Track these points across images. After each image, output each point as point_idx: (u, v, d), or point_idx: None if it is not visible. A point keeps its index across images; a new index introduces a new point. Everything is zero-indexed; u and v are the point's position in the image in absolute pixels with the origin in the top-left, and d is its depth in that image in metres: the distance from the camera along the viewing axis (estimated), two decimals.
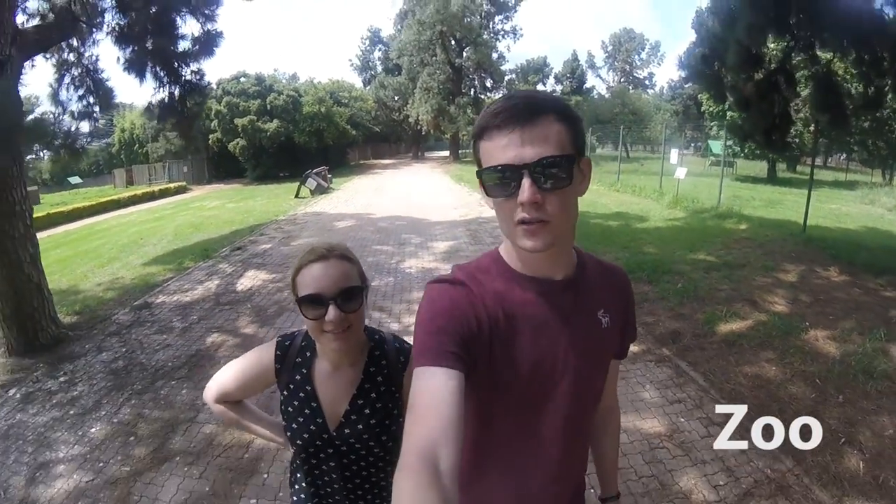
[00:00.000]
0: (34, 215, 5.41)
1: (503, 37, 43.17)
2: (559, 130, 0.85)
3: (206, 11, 6.79)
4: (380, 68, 52.11)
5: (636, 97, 50.80)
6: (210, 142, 32.11)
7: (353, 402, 1.34)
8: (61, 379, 4.55)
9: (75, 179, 41.29)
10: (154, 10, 6.45)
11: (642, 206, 13.45)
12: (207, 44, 6.92)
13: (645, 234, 9.76)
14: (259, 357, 1.39)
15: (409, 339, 1.08)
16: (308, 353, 1.37)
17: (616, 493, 1.33)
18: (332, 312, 1.20)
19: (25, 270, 5.01)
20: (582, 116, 0.95)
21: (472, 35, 39.26)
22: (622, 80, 64.96)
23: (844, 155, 34.98)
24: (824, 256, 7.57)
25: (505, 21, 42.83)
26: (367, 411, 1.34)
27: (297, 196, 19.05)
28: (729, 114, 20.29)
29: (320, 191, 19.94)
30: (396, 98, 45.14)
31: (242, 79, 31.29)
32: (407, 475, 0.69)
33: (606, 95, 57.86)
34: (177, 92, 7.21)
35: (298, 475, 1.44)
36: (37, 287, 5.16)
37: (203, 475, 3.20)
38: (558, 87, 64.02)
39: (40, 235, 5.84)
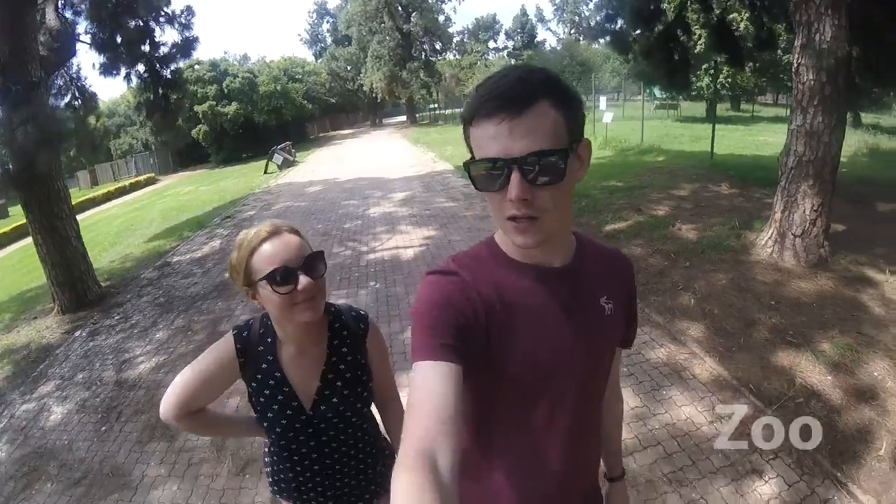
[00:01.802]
0: (4, 230, 6.77)
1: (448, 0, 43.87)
2: (554, 119, 0.80)
3: (183, 21, 8.11)
4: (329, 40, 52.46)
5: (585, 48, 51.96)
6: (162, 133, 32.55)
7: (323, 377, 1.35)
8: (116, 317, 6.08)
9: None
10: (138, 24, 7.69)
11: None
12: (185, 48, 8.26)
13: None
14: (217, 355, 1.33)
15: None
16: (269, 339, 1.35)
17: (622, 472, 1.34)
18: (303, 280, 1.20)
19: (73, 243, 6.44)
20: (580, 97, 0.87)
21: (417, 1, 39.89)
22: (572, 31, 65.92)
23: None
24: (722, 176, 9.29)
25: None
26: (339, 384, 1.36)
27: (265, 172, 20.27)
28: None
29: (287, 165, 21.18)
30: (349, 68, 45.82)
31: (197, 66, 31.66)
32: (405, 474, 0.67)
33: (558, 48, 58.88)
34: (160, 91, 8.50)
35: (276, 458, 1.45)
36: (82, 256, 6.60)
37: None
38: (509, 43, 64.91)
39: (29, 240, 7.14)
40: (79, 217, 6.88)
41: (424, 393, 0.78)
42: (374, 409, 1.54)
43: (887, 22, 6.38)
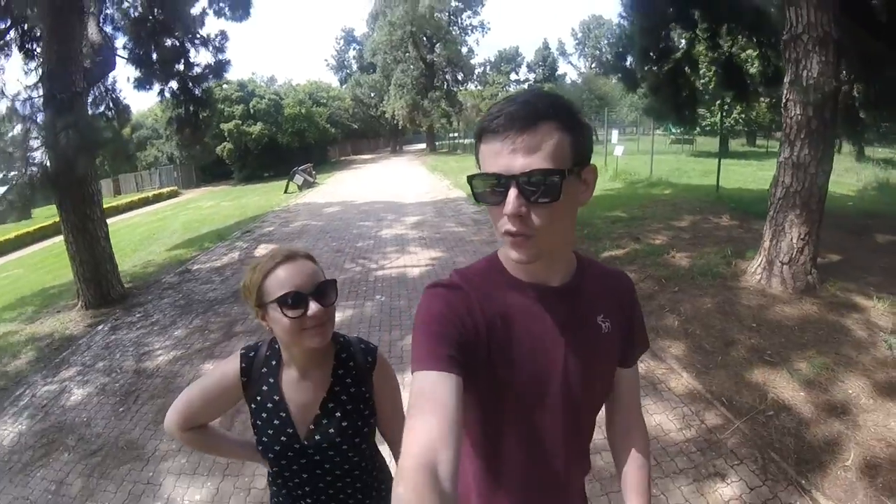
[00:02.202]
0: (27, 229, 7.24)
1: (472, 31, 45.11)
2: (559, 141, 0.82)
3: (217, 45, 8.70)
4: (355, 67, 53.70)
5: (604, 83, 52.74)
6: (192, 148, 33.59)
7: (323, 406, 1.34)
8: (138, 315, 6.45)
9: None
10: (174, 44, 8.27)
11: None
12: (218, 70, 8.84)
13: None
14: (223, 373, 1.36)
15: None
16: (274, 363, 1.36)
17: None
18: (314, 307, 1.22)
19: (101, 243, 6.89)
20: (588, 124, 0.88)
21: (441, 32, 41.08)
22: (593, 65, 66.90)
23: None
24: (724, 209, 9.53)
25: (473, 16, 44.69)
26: (339, 414, 1.35)
27: (286, 192, 20.88)
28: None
29: (307, 185, 21.79)
30: (372, 95, 46.83)
31: (225, 85, 32.74)
32: (406, 483, 0.69)
33: (578, 82, 59.76)
34: (191, 107, 9.04)
35: (275, 488, 1.45)
36: (108, 256, 7.04)
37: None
38: (531, 76, 65.96)
39: (53, 240, 7.65)
40: (115, 220, 7.35)
41: (424, 402, 0.79)
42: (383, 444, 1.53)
43: (886, 55, 6.64)
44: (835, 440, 3.26)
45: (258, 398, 1.35)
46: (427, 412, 0.78)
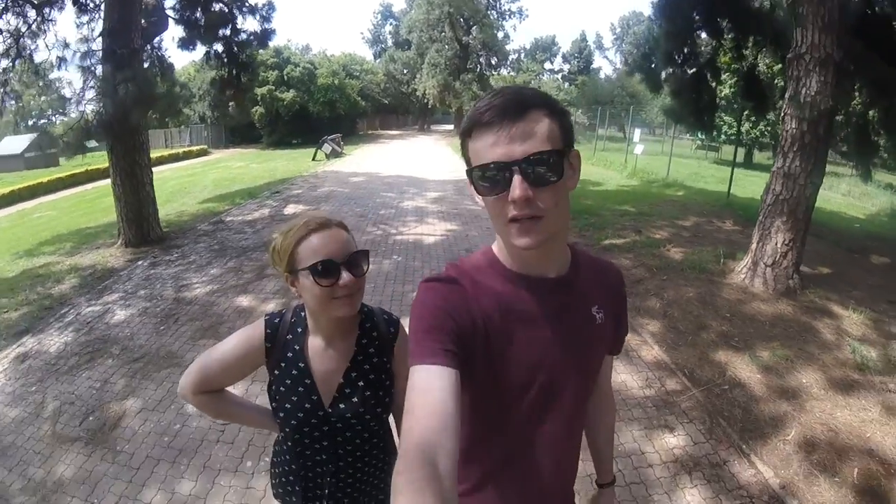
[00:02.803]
0: (48, 178, 7.86)
1: (510, 16, 45.12)
2: (548, 126, 0.85)
3: (264, 14, 9.30)
4: (390, 42, 54.02)
5: (637, 81, 52.31)
6: (229, 109, 34.33)
7: (346, 374, 1.35)
8: (175, 255, 7.14)
9: (91, 143, 43.65)
10: (222, 9, 8.84)
11: (605, 175, 15.93)
12: (263, 38, 9.44)
13: (594, 193, 12.27)
14: (247, 337, 1.36)
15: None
16: (299, 329, 1.36)
17: (612, 479, 1.39)
18: (345, 276, 1.22)
19: (146, 188, 7.56)
20: (568, 110, 0.92)
21: (479, 15, 41.12)
22: (628, 62, 66.18)
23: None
24: (730, 214, 9.92)
25: (512, 1, 44.69)
26: (362, 383, 1.36)
27: (314, 159, 21.51)
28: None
29: (334, 155, 22.43)
30: (405, 72, 47.21)
31: (261, 50, 33.32)
32: (405, 475, 0.69)
33: (613, 77, 59.35)
34: (234, 71, 9.64)
35: (287, 457, 1.43)
36: (151, 200, 7.72)
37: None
38: (565, 67, 65.55)
39: (84, 187, 8.33)
40: None
41: (423, 395, 0.80)
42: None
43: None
44: (780, 418, 3.71)
45: (282, 364, 1.34)
46: (425, 406, 0.79)
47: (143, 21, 7.56)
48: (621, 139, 34.50)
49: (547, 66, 63.61)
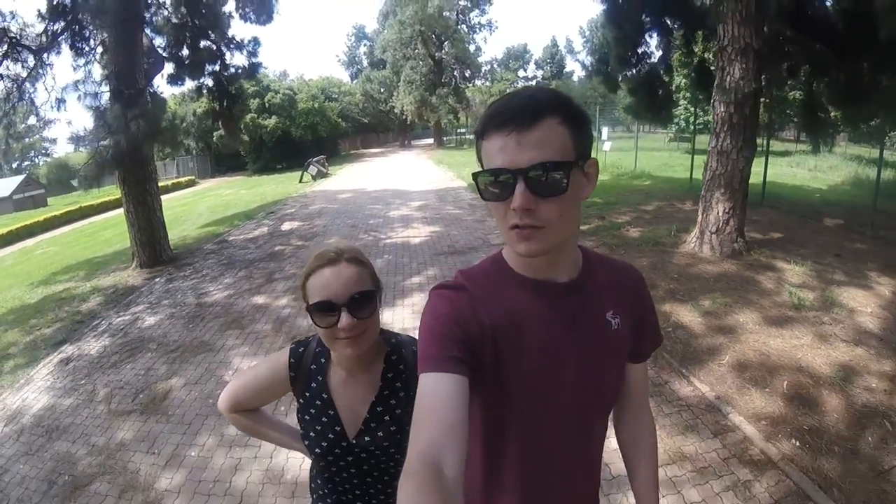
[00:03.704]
0: (44, 216, 8.63)
1: (479, 30, 46.34)
2: (561, 134, 0.82)
3: (250, 49, 10.22)
4: (365, 62, 55.07)
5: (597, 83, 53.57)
6: (214, 139, 35.12)
7: (372, 409, 1.32)
8: (188, 271, 7.90)
9: (74, 182, 44.24)
10: (210, 47, 9.69)
11: None
12: (251, 71, 10.36)
13: None
14: (272, 366, 1.38)
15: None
16: (323, 360, 1.36)
17: None
18: (344, 319, 1.18)
19: (157, 213, 8.34)
20: (588, 117, 0.89)
21: (449, 31, 42.33)
22: (587, 66, 67.37)
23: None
24: (691, 196, 10.72)
25: (480, 15, 45.84)
26: (388, 418, 1.32)
27: (301, 181, 22.33)
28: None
29: (320, 176, 23.30)
30: (382, 91, 48.19)
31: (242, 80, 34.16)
32: (411, 481, 0.69)
33: (585, 79, 60.63)
34: (224, 102, 10.48)
35: (319, 481, 1.44)
36: (162, 224, 8.49)
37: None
38: (539, 73, 66.92)
39: (81, 223, 9.10)
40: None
41: (431, 402, 0.81)
42: None
43: (834, 61, 7.72)
44: (716, 348, 4.45)
45: (306, 394, 1.35)
46: (433, 413, 0.79)
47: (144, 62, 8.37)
48: (595, 138, 35.50)
49: (521, 73, 65.04)
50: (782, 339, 4.49)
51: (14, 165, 55.96)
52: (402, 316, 5.60)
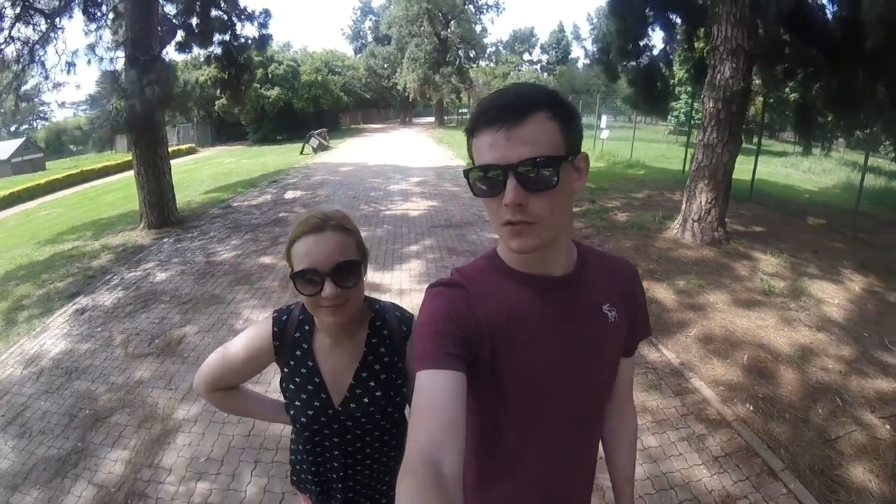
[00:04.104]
0: (45, 179, 8.95)
1: (486, 10, 46.10)
2: (551, 129, 0.83)
3: (261, 21, 10.47)
4: (370, 37, 54.82)
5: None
6: (216, 107, 35.14)
7: (357, 375, 1.33)
8: (195, 233, 8.26)
9: (76, 147, 44.49)
10: (220, 17, 9.95)
11: None
12: (261, 42, 10.61)
13: None
14: (255, 335, 1.35)
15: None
16: (307, 327, 1.35)
17: None
18: (328, 288, 1.17)
19: (166, 177, 8.68)
20: (577, 111, 0.90)
21: (456, 10, 42.16)
22: (589, 55, 67.18)
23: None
24: (681, 187, 11.05)
25: None
26: (372, 384, 1.33)
27: (301, 153, 22.62)
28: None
29: (321, 149, 23.56)
30: (386, 66, 48.12)
31: (252, 51, 34.09)
32: (410, 479, 0.70)
33: (590, 66, 60.61)
34: (233, 71, 10.75)
35: (300, 448, 1.43)
36: (170, 187, 8.84)
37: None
38: (544, 57, 66.74)
39: (83, 186, 9.41)
40: (128, 174, 9.03)
41: (428, 400, 0.81)
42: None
43: (828, 67, 7.96)
44: (685, 322, 4.85)
45: (291, 362, 1.34)
46: (431, 410, 0.79)
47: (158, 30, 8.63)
48: (594, 126, 35.89)
49: (525, 57, 64.84)
50: (748, 320, 4.88)
51: (12, 129, 55.89)
52: (400, 279, 6.04)
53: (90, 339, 4.93)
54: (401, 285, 5.82)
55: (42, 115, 57.22)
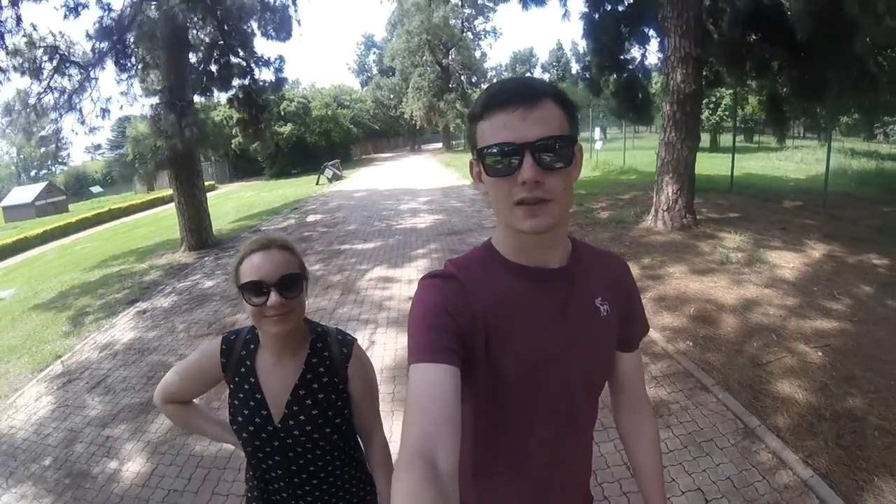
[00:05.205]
0: (64, 222, 10.38)
1: (484, 36, 47.83)
2: (559, 114, 0.86)
3: (277, 66, 11.93)
4: (375, 70, 56.81)
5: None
6: (233, 145, 36.82)
7: (294, 392, 1.39)
8: (231, 252, 9.49)
9: (96, 189, 46.14)
10: (240, 63, 11.35)
11: None
12: (277, 85, 12.07)
13: None
14: (204, 353, 1.44)
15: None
16: (253, 346, 1.42)
17: None
18: (273, 297, 1.26)
19: (203, 205, 10.00)
20: (575, 104, 0.92)
21: (455, 39, 43.86)
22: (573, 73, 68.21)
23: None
24: None
25: (485, 22, 47.30)
26: (309, 402, 1.39)
27: (317, 183, 24.12)
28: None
29: (336, 178, 25.06)
30: (392, 97, 49.79)
31: (268, 93, 35.79)
32: (405, 474, 0.70)
33: None
34: (253, 112, 12.12)
35: (249, 473, 1.49)
36: (207, 214, 10.14)
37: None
38: (546, 76, 68.17)
39: (112, 224, 10.67)
40: (154, 211, 10.29)
41: (423, 394, 0.81)
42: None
43: (789, 60, 8.72)
44: (643, 288, 5.57)
45: (236, 379, 1.41)
46: (425, 404, 0.79)
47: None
48: (588, 138, 36.82)
49: (528, 76, 66.20)
50: (701, 283, 5.65)
51: (31, 174, 57.73)
52: (409, 273, 7.19)
53: (155, 329, 6.04)
54: (409, 277, 7.00)
55: (61, 160, 59.52)
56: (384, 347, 4.93)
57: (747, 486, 2.81)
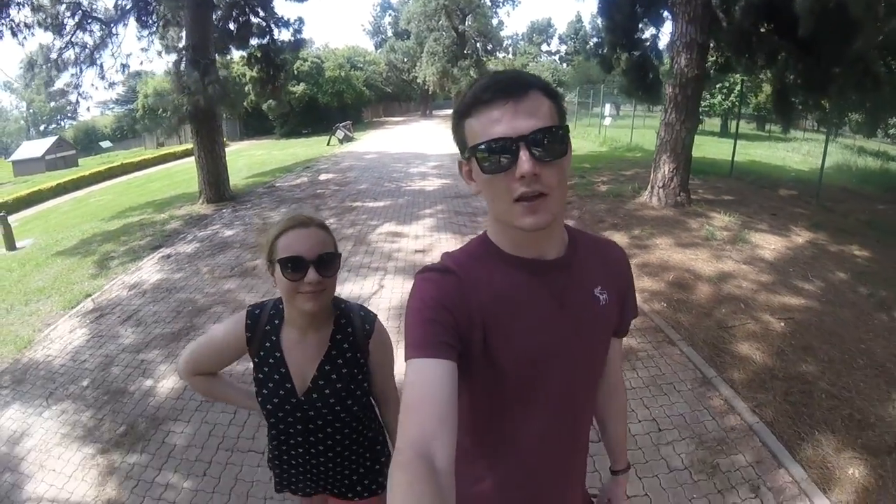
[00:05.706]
0: (76, 175, 11.41)
1: (502, 4, 47.35)
2: (548, 104, 0.86)
3: (296, 27, 12.23)
4: (390, 33, 56.35)
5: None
6: (245, 103, 36.91)
7: (320, 367, 1.44)
8: (248, 205, 10.04)
9: (106, 144, 46.33)
10: (259, 23, 11.67)
11: (580, 145, 18.57)
12: (296, 46, 12.41)
13: None
14: (230, 328, 1.48)
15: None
16: (277, 321, 1.46)
17: (626, 466, 1.35)
18: (311, 274, 1.31)
19: (222, 160, 10.50)
20: (560, 94, 0.93)
21: (473, 5, 43.47)
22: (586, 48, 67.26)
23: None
24: None
25: None
26: (334, 376, 1.44)
27: (328, 144, 24.42)
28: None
29: (347, 140, 25.37)
30: (406, 61, 49.72)
31: (287, 53, 35.73)
32: (402, 469, 0.70)
33: None
34: (272, 71, 12.48)
35: (272, 437, 1.56)
36: (225, 169, 10.64)
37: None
38: (562, 48, 67.35)
39: (123, 178, 11.13)
40: (167, 166, 10.73)
41: (419, 389, 0.81)
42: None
43: (796, 52, 8.82)
44: (630, 256, 5.56)
45: (261, 353, 1.46)
46: (422, 401, 0.79)
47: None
48: (619, 116, 36.85)
49: (544, 48, 65.65)
50: (683, 255, 6.07)
51: (41, 128, 57.79)
52: (416, 229, 7.76)
53: (180, 271, 6.56)
54: (417, 233, 7.60)
55: (70, 115, 59.46)
56: (391, 290, 5.37)
57: (698, 423, 3.28)
